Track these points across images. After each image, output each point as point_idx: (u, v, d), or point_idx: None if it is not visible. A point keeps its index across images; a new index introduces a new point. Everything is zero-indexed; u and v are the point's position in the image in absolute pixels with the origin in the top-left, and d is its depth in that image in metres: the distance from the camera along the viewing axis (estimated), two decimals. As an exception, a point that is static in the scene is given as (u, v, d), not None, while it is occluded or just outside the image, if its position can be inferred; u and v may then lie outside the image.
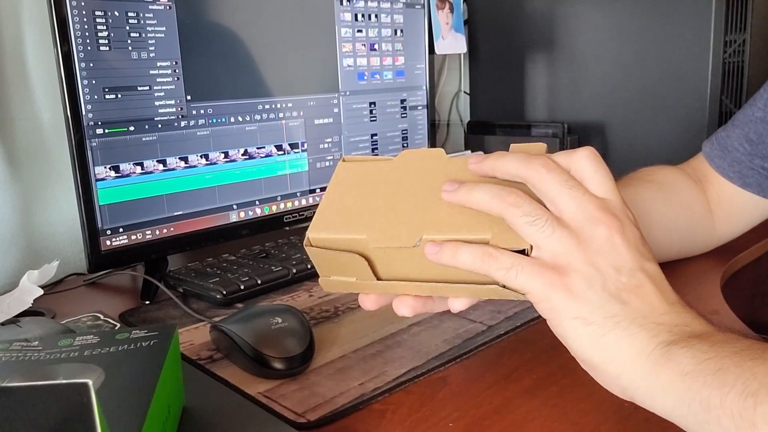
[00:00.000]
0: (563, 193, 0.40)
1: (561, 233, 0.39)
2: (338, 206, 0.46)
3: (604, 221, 0.40)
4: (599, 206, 0.40)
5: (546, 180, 0.40)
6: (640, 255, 0.40)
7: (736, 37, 0.96)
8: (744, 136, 0.67)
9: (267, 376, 0.51)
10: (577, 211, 0.40)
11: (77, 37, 0.65)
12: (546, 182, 0.40)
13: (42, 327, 0.54)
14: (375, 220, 0.44)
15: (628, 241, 0.40)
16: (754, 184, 0.67)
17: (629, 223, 0.41)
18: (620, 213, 0.41)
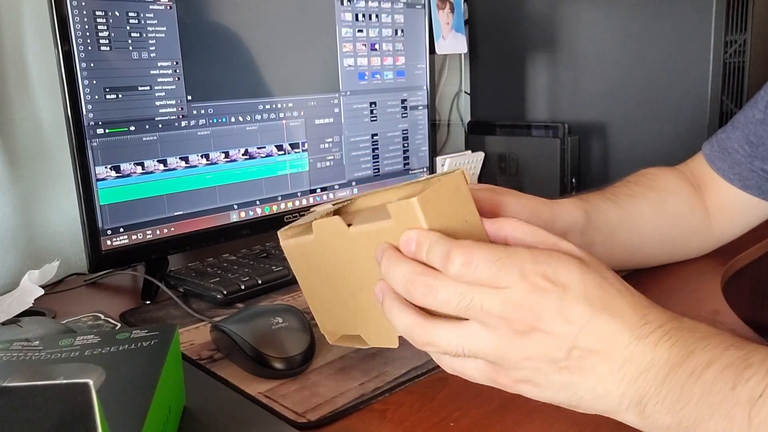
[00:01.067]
0: (459, 310, 0.38)
1: (497, 341, 0.38)
2: (317, 300, 0.51)
3: (513, 322, 0.37)
4: (502, 306, 0.37)
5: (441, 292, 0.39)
6: (569, 330, 0.37)
7: (736, 38, 0.96)
8: (744, 138, 0.67)
9: (267, 376, 0.51)
10: (504, 338, 0.38)
11: (78, 37, 0.65)
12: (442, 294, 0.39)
13: (43, 327, 0.55)
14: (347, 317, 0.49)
15: (552, 325, 0.37)
16: (755, 187, 0.67)
17: (554, 291, 0.37)
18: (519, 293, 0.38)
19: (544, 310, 0.37)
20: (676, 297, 0.66)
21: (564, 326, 0.37)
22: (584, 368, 0.37)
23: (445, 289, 0.38)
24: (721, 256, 0.74)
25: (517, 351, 0.38)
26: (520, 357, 0.38)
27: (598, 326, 0.37)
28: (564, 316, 0.37)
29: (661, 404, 0.35)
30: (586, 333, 0.37)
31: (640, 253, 0.69)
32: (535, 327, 0.37)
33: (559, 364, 0.37)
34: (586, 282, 0.38)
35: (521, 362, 0.38)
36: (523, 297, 0.37)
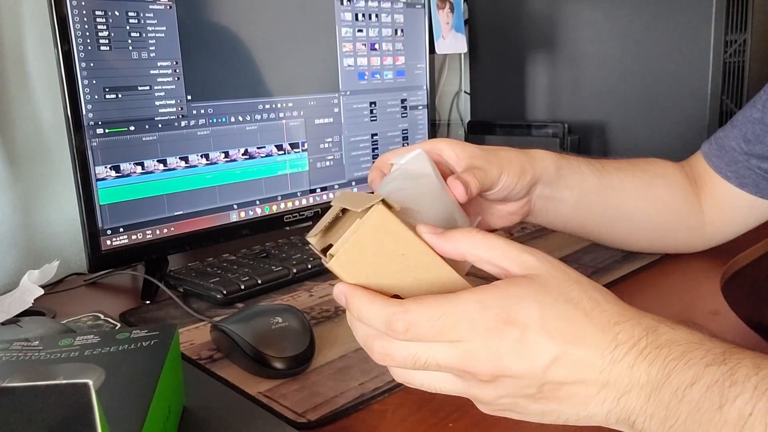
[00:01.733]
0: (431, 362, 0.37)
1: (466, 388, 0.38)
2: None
3: (476, 374, 0.36)
4: (458, 360, 0.36)
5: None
6: (534, 369, 0.36)
7: (736, 37, 0.96)
8: (741, 136, 0.67)
9: (267, 376, 0.51)
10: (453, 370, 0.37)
11: (78, 37, 0.65)
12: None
13: (42, 327, 0.55)
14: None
15: (516, 368, 0.36)
16: (751, 185, 0.67)
17: (511, 332, 0.36)
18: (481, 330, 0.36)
19: (503, 356, 0.35)
20: (676, 297, 0.66)
21: (529, 366, 0.36)
22: (562, 397, 0.36)
23: (399, 353, 0.37)
24: (721, 256, 0.74)
25: (488, 393, 0.37)
26: (492, 397, 0.37)
27: (565, 360, 0.36)
28: (526, 358, 0.35)
29: (650, 421, 0.35)
30: (555, 368, 0.36)
31: (617, 229, 0.69)
32: (499, 374, 0.36)
33: (534, 397, 0.37)
34: (546, 315, 0.36)
35: (496, 400, 0.37)
36: (478, 348, 0.36)
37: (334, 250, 0.38)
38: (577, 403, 0.36)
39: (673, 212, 0.70)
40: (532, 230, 0.90)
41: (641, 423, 0.35)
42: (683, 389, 0.34)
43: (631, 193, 0.67)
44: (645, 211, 0.69)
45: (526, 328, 0.36)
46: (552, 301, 0.36)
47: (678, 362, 0.35)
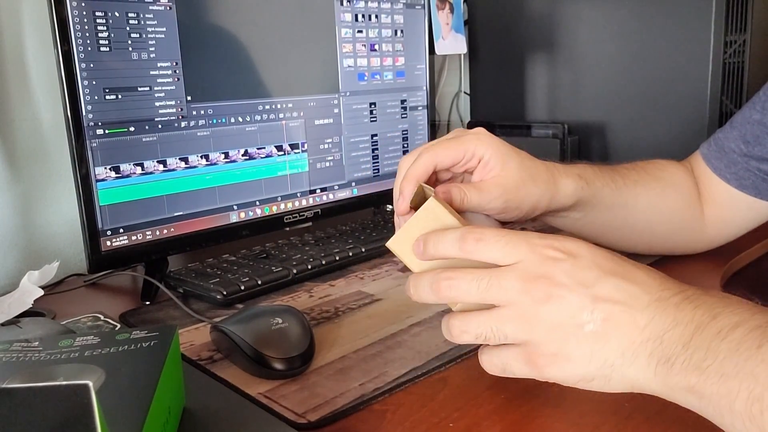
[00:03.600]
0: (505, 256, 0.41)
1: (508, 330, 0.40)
2: None
3: (531, 291, 0.39)
4: (516, 279, 0.40)
5: (483, 250, 0.41)
6: (586, 289, 0.39)
7: (736, 38, 0.96)
8: (741, 137, 0.67)
9: (267, 377, 0.51)
10: (521, 271, 0.40)
11: (77, 38, 0.65)
12: (484, 252, 0.41)
13: (42, 327, 0.55)
14: None
15: (569, 286, 0.39)
16: (750, 186, 0.67)
17: (565, 259, 0.40)
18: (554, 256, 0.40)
19: (556, 276, 0.39)
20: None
21: (579, 288, 0.39)
22: (609, 330, 0.38)
23: (465, 278, 0.40)
24: (721, 256, 0.74)
25: (542, 320, 0.39)
26: (546, 327, 0.39)
27: (614, 284, 0.39)
28: (577, 279, 0.39)
29: (689, 362, 0.35)
30: (605, 288, 0.38)
31: (617, 236, 0.69)
32: (552, 293, 0.39)
33: (584, 328, 0.38)
34: (596, 253, 0.40)
35: (549, 333, 0.39)
36: (535, 267, 0.39)
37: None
38: (622, 337, 0.38)
39: (677, 218, 0.70)
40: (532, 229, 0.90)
41: (680, 365, 0.36)
42: (726, 330, 0.35)
43: (641, 208, 0.67)
44: (650, 221, 0.68)
45: (577, 257, 0.40)
46: (601, 249, 0.41)
47: (724, 309, 0.36)
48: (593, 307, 0.38)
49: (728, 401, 0.34)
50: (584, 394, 0.47)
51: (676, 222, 0.70)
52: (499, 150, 0.54)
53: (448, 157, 0.53)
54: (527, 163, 0.56)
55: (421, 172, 0.52)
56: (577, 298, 0.38)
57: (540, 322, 0.39)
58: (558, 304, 0.39)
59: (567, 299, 0.38)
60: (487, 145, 0.54)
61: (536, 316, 0.39)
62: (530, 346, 0.40)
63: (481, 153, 0.54)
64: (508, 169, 0.54)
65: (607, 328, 0.38)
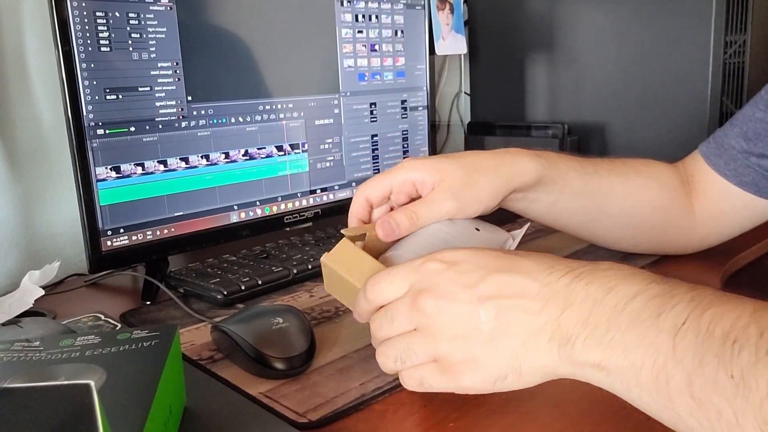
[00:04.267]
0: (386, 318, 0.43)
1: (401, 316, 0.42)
2: None
3: (420, 296, 0.41)
4: (411, 296, 0.42)
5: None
6: (471, 290, 0.40)
7: (736, 38, 0.96)
8: (742, 134, 0.66)
9: (268, 376, 0.51)
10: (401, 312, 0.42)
11: (78, 38, 0.65)
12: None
13: (43, 327, 0.55)
14: None
15: (454, 293, 0.40)
16: (750, 183, 0.66)
17: (447, 268, 0.41)
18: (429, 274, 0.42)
19: (441, 285, 0.40)
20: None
21: (465, 291, 0.40)
22: (505, 324, 0.39)
23: (376, 323, 0.44)
24: (722, 256, 0.74)
25: (441, 331, 0.40)
26: (447, 337, 0.40)
27: (499, 280, 0.39)
28: (461, 283, 0.40)
29: (591, 338, 0.36)
30: (489, 285, 0.39)
31: (598, 227, 0.70)
32: (440, 304, 0.40)
33: (481, 328, 0.39)
34: (479, 255, 0.41)
35: (452, 342, 0.40)
36: (420, 284, 0.41)
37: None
38: (520, 328, 0.38)
39: (662, 214, 0.69)
40: (531, 231, 0.90)
41: (581, 343, 0.36)
42: (624, 302, 0.35)
43: (618, 196, 0.67)
44: (630, 212, 0.68)
45: (457, 263, 0.41)
46: (488, 252, 0.42)
47: (620, 282, 0.37)
48: (484, 306, 0.39)
49: (634, 374, 0.34)
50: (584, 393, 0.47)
51: (660, 217, 0.69)
52: (428, 164, 0.56)
53: (375, 191, 0.56)
54: (467, 159, 0.58)
55: (357, 209, 0.57)
56: (466, 302, 0.39)
57: (440, 333, 0.40)
58: (449, 312, 0.40)
59: (456, 305, 0.39)
60: (412, 168, 0.56)
61: (435, 329, 0.40)
62: (440, 359, 0.40)
63: (411, 176, 0.56)
64: (447, 173, 0.55)
65: (502, 323, 0.39)
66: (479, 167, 0.57)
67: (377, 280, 0.44)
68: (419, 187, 0.55)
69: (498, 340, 0.39)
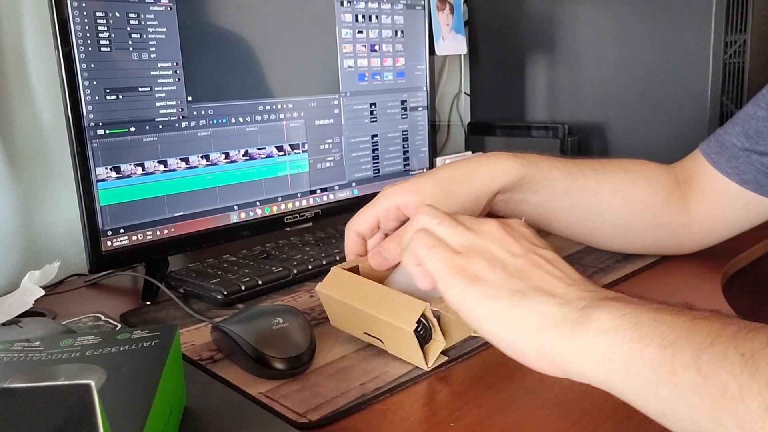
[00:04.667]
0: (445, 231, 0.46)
1: (463, 230, 0.45)
2: None
3: (489, 223, 0.46)
4: (480, 223, 0.46)
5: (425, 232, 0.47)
6: (531, 243, 0.45)
7: (736, 38, 0.96)
8: (743, 132, 0.66)
9: (268, 377, 0.51)
10: (465, 228, 0.46)
11: (78, 38, 0.65)
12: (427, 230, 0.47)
13: (43, 327, 0.55)
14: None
15: (517, 233, 0.45)
16: (752, 181, 0.66)
17: (514, 222, 0.47)
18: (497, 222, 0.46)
19: (516, 227, 0.46)
20: (676, 296, 0.66)
21: (531, 239, 0.46)
22: (538, 271, 0.42)
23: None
24: (722, 256, 0.74)
25: (486, 234, 0.44)
26: (488, 240, 0.44)
27: (558, 258, 0.44)
28: (538, 239, 0.46)
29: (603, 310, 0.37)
30: (548, 252, 0.44)
31: (586, 227, 0.70)
32: (504, 227, 0.45)
33: (516, 259, 0.43)
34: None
35: (488, 246, 0.44)
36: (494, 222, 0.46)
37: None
38: (549, 279, 0.42)
39: (653, 213, 0.69)
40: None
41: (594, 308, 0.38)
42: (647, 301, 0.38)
43: (606, 195, 0.67)
44: (620, 212, 0.68)
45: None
46: None
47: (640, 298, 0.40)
48: (528, 254, 0.43)
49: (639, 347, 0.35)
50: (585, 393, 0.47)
51: (652, 216, 0.69)
52: (407, 187, 0.58)
53: (363, 224, 0.59)
54: (443, 173, 0.60)
55: (351, 245, 0.59)
56: (518, 244, 0.44)
57: (481, 241, 0.44)
58: (501, 237, 0.44)
59: (510, 239, 0.44)
60: (392, 194, 0.58)
61: (480, 234, 0.45)
62: (461, 255, 0.43)
63: (393, 202, 0.58)
64: (425, 192, 0.57)
65: (533, 270, 0.42)
66: (455, 178, 0.59)
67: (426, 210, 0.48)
68: (404, 211, 0.57)
69: (516, 277, 0.42)
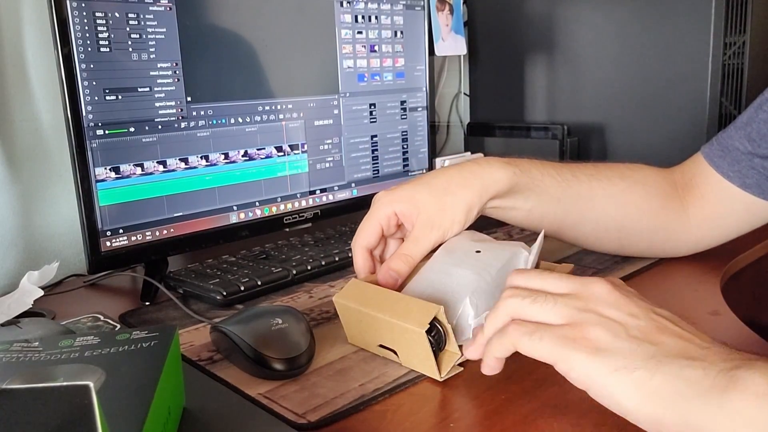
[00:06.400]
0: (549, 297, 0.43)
1: (564, 300, 0.42)
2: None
3: (595, 282, 0.42)
4: (582, 283, 0.43)
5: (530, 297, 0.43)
6: (646, 303, 0.41)
7: (735, 39, 0.96)
8: (746, 136, 0.66)
9: (267, 377, 0.51)
10: (569, 291, 0.43)
11: (78, 39, 0.65)
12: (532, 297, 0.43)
13: (42, 328, 0.54)
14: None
15: (629, 293, 0.42)
16: (754, 185, 0.66)
17: (617, 280, 0.44)
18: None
19: (623, 288, 0.43)
20: (676, 297, 0.66)
21: (643, 300, 0.43)
22: (666, 333, 0.39)
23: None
24: (722, 257, 0.74)
25: (598, 297, 0.41)
26: (601, 303, 0.41)
27: (676, 317, 0.42)
28: (648, 301, 0.43)
29: (756, 372, 0.34)
30: (666, 312, 0.42)
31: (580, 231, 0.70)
32: (613, 286, 0.43)
33: (638, 321, 0.40)
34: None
35: (602, 310, 0.41)
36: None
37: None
38: (682, 342, 0.38)
39: (648, 217, 0.69)
40: (531, 232, 0.90)
41: (744, 371, 0.34)
42: None
43: (600, 200, 0.67)
44: (614, 217, 0.68)
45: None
46: None
47: None
48: (650, 315, 0.40)
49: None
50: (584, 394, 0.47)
51: (647, 220, 0.69)
52: (403, 196, 0.58)
53: (370, 237, 0.58)
54: (438, 182, 0.59)
55: (361, 262, 0.58)
56: (635, 304, 0.41)
57: (593, 305, 0.41)
58: (615, 298, 0.41)
59: (624, 300, 0.41)
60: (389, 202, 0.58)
61: (590, 298, 0.41)
62: (574, 327, 0.40)
63: (392, 210, 0.58)
64: (421, 204, 0.58)
65: (661, 333, 0.39)
66: (449, 189, 0.59)
67: (540, 274, 0.45)
68: (401, 217, 0.58)
69: (640, 346, 0.38)
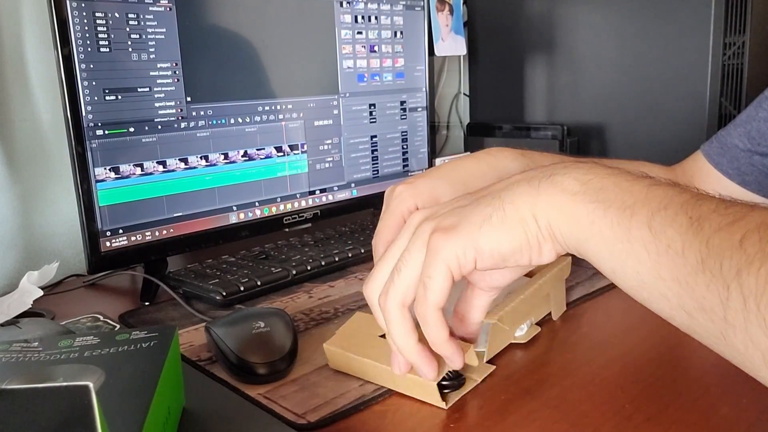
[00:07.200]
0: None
1: (407, 251, 0.43)
2: None
3: (411, 220, 0.46)
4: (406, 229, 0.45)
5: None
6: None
7: (735, 40, 0.96)
8: (745, 133, 0.66)
9: (248, 382, 0.50)
10: (407, 243, 0.44)
11: (77, 39, 0.65)
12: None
13: (42, 328, 0.55)
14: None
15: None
16: (753, 182, 0.66)
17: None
18: None
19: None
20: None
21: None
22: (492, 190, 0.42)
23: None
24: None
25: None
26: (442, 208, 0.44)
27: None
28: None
29: (569, 175, 0.39)
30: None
31: None
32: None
33: (466, 199, 0.43)
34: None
35: (444, 208, 0.44)
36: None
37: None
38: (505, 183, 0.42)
39: None
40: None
41: (560, 176, 0.39)
42: (606, 165, 0.40)
43: None
44: None
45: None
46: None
47: (601, 164, 0.41)
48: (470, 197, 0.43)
49: (603, 207, 0.36)
50: (585, 395, 0.47)
51: None
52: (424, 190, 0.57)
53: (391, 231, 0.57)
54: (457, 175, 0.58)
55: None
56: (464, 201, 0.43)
57: (438, 209, 0.44)
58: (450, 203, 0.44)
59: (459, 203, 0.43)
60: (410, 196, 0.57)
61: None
62: (436, 228, 0.42)
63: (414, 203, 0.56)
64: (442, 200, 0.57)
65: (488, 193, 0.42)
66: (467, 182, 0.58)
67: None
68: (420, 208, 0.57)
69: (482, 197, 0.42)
